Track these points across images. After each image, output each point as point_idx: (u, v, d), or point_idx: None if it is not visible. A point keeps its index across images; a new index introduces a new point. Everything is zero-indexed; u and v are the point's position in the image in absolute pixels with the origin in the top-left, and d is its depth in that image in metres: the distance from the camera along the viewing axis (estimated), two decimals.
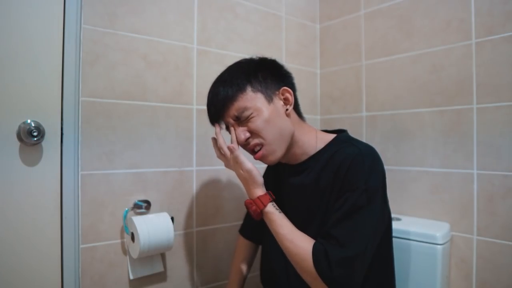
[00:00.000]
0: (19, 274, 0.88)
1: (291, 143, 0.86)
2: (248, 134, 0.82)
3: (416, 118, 1.24)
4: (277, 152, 0.83)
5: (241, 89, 0.82)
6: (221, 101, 0.83)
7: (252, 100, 0.82)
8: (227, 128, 0.87)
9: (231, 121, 0.84)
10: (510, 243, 1.02)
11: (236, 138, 0.83)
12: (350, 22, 1.45)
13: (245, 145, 0.84)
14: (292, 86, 0.89)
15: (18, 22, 0.88)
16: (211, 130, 1.22)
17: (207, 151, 1.21)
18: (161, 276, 1.12)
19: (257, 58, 0.89)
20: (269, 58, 0.90)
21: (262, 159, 0.84)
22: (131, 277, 1.04)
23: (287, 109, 0.85)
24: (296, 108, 0.90)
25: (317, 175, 0.83)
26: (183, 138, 1.16)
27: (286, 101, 0.86)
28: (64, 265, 0.94)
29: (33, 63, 0.90)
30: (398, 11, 1.29)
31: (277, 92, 0.85)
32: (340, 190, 0.77)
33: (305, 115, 0.93)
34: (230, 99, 0.82)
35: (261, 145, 0.82)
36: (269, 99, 0.83)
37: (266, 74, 0.85)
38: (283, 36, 1.44)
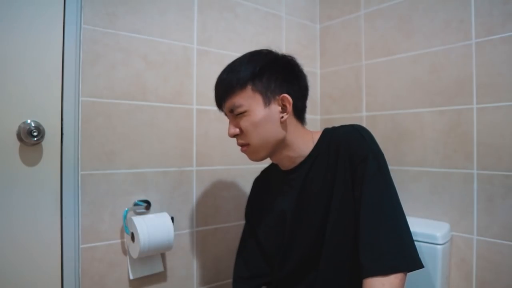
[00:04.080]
0: (19, 274, 0.88)
1: (282, 147, 0.86)
2: (237, 131, 0.85)
3: (416, 118, 1.24)
4: (259, 153, 0.86)
5: (241, 86, 0.82)
6: (223, 89, 0.85)
7: (249, 99, 0.82)
8: (226, 114, 0.90)
9: (226, 111, 0.87)
10: (510, 243, 1.02)
11: (228, 130, 0.87)
12: (350, 22, 1.45)
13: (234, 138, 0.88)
14: (299, 90, 0.87)
15: (18, 22, 0.88)
16: (211, 130, 1.23)
17: (207, 151, 1.22)
18: (161, 276, 1.12)
19: (273, 55, 0.86)
20: (284, 58, 0.87)
21: (246, 154, 0.88)
22: (131, 277, 1.04)
23: (282, 117, 0.83)
24: (298, 112, 0.88)
25: (321, 165, 0.84)
26: (183, 138, 1.16)
27: (284, 107, 0.84)
28: (64, 265, 0.94)
29: (33, 63, 0.90)
30: (398, 11, 1.29)
31: (278, 97, 0.83)
32: (350, 165, 0.79)
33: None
34: (229, 92, 0.83)
35: (246, 144, 0.85)
36: (267, 102, 0.82)
37: (273, 76, 0.83)
38: (283, 36, 1.44)
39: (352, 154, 0.79)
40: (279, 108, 0.83)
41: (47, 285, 0.92)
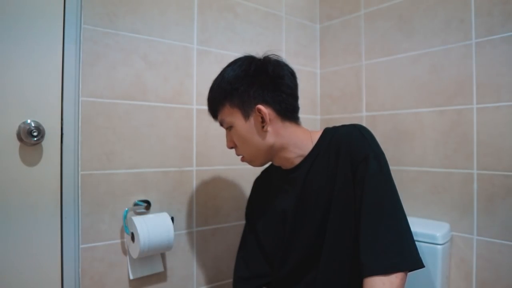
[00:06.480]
0: (19, 274, 0.88)
1: (277, 151, 0.87)
2: (232, 144, 0.89)
3: (416, 118, 1.24)
4: (255, 162, 0.90)
5: (219, 105, 0.86)
6: (209, 107, 0.90)
7: (230, 115, 0.85)
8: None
9: (220, 125, 0.91)
10: (510, 243, 1.03)
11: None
12: (350, 22, 1.45)
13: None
14: (280, 94, 0.83)
15: (18, 22, 0.88)
16: (211, 130, 1.23)
17: (207, 151, 1.22)
18: (161, 276, 1.12)
19: (247, 63, 0.84)
20: (259, 62, 0.85)
21: (246, 162, 0.91)
22: (131, 277, 1.04)
23: (263, 127, 0.83)
24: (287, 114, 0.86)
25: (322, 164, 0.84)
26: (183, 138, 1.16)
27: (263, 118, 0.82)
28: (64, 265, 0.94)
29: (33, 63, 0.90)
30: (398, 11, 1.29)
31: (254, 109, 0.82)
32: (351, 165, 0.78)
33: (305, 115, 0.94)
34: (213, 109, 0.89)
35: (242, 155, 0.89)
36: (246, 116, 0.83)
37: (247, 87, 0.82)
38: (283, 36, 1.44)
39: (353, 154, 0.78)
40: (259, 119, 0.83)
41: (47, 285, 0.92)
